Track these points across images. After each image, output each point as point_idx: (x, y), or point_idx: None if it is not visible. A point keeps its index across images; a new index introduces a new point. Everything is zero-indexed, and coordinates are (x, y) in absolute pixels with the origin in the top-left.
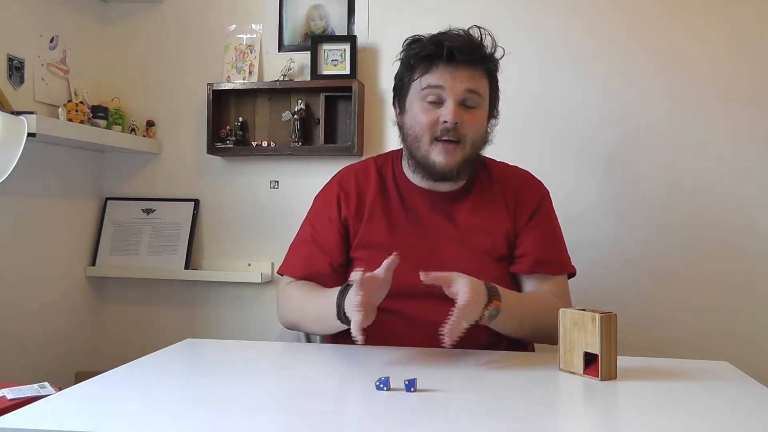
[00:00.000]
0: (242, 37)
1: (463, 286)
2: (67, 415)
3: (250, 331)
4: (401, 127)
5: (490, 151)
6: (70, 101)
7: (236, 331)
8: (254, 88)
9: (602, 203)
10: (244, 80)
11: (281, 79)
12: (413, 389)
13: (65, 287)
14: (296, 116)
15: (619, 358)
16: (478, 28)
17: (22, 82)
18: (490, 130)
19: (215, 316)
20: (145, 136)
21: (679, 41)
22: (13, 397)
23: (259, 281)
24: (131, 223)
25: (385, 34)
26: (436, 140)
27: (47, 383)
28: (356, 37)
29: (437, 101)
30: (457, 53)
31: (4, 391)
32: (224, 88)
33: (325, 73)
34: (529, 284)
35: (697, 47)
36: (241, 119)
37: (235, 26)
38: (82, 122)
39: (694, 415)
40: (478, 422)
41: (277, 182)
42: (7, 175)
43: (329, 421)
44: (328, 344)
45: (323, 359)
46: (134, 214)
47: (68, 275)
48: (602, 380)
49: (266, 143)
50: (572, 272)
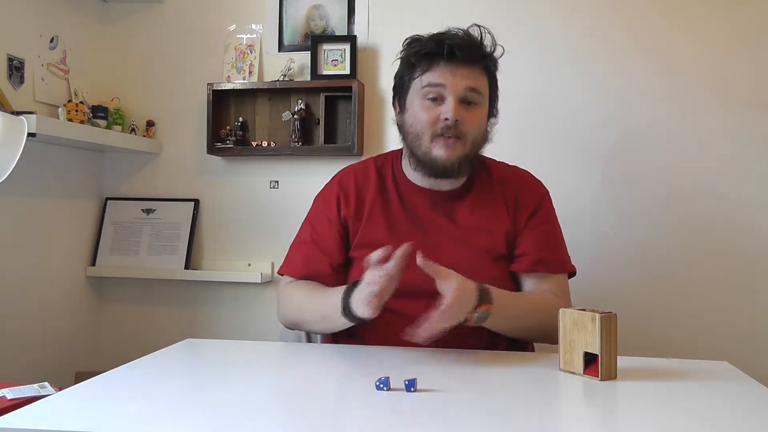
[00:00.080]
0: (242, 37)
1: (450, 287)
2: (67, 415)
3: (250, 331)
4: (401, 125)
5: (490, 150)
6: (70, 101)
7: (236, 331)
8: (254, 88)
9: (602, 203)
10: (244, 80)
11: (281, 79)
12: (413, 389)
13: (65, 287)
14: (296, 116)
15: (619, 358)
16: (477, 26)
17: (22, 82)
18: (489, 128)
19: (215, 316)
20: (145, 136)
21: (679, 41)
22: (13, 397)
23: (259, 281)
24: (131, 223)
25: (385, 34)
26: (437, 137)
27: (47, 383)
28: (356, 37)
29: (438, 99)
30: (457, 51)
31: (4, 391)
32: (224, 88)
33: (325, 73)
34: (528, 283)
35: (697, 47)
36: (241, 119)
37: (235, 26)
38: (82, 122)
39: (694, 415)
40: (478, 422)
41: (277, 182)
42: (7, 175)
43: (329, 421)
44: (328, 344)
45: (323, 359)
46: (134, 214)
47: (68, 275)
48: (602, 380)
49: (266, 143)
50: (572, 272)
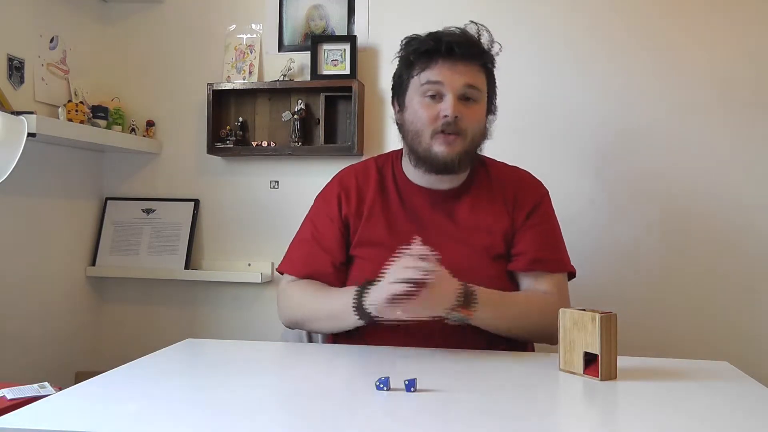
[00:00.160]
0: (242, 37)
1: (432, 283)
2: (67, 415)
3: (250, 331)
4: (401, 124)
5: (490, 149)
6: (70, 101)
7: (236, 331)
8: (254, 88)
9: (602, 203)
10: (244, 80)
11: (281, 79)
12: (413, 389)
13: (65, 287)
14: (296, 116)
15: (619, 358)
16: (475, 24)
17: (22, 82)
18: (488, 125)
19: (215, 316)
20: (145, 136)
21: (679, 41)
22: (13, 397)
23: (259, 281)
24: (131, 223)
25: (385, 34)
26: (437, 134)
27: (47, 383)
28: (356, 37)
29: (437, 96)
30: (455, 48)
31: (4, 391)
32: (224, 88)
33: (325, 73)
34: (526, 282)
35: (697, 47)
36: (241, 119)
37: (235, 26)
38: (82, 122)
39: (694, 415)
40: (478, 422)
41: (277, 182)
42: (7, 175)
43: (329, 421)
44: (328, 344)
45: (323, 359)
46: (134, 214)
47: (68, 275)
48: (602, 380)
49: (266, 143)
50: (571, 272)
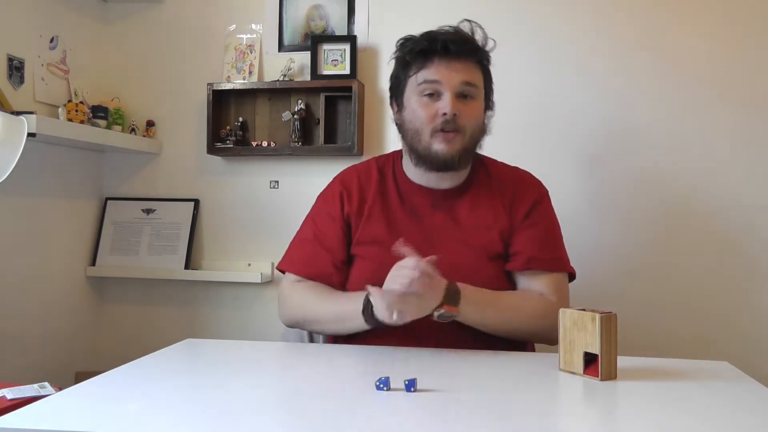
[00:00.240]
0: (242, 37)
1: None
2: (67, 415)
3: (250, 331)
4: (400, 124)
5: (490, 148)
6: (70, 101)
7: (236, 331)
8: (254, 88)
9: (601, 203)
10: (244, 80)
11: (281, 79)
12: (413, 389)
13: (65, 287)
14: (296, 116)
15: (619, 358)
16: (468, 21)
17: (22, 82)
18: (486, 121)
19: (215, 316)
20: (145, 136)
21: (679, 41)
22: (13, 397)
23: (259, 281)
24: (131, 223)
25: (385, 34)
26: (436, 132)
27: (47, 383)
28: (356, 37)
29: (435, 95)
30: (450, 46)
31: (4, 391)
32: (224, 88)
33: (325, 73)
34: (523, 282)
35: (697, 47)
36: (241, 119)
37: (235, 26)
38: (82, 122)
39: (694, 415)
40: (478, 422)
41: (277, 182)
42: (7, 175)
43: (329, 421)
44: (328, 344)
45: (323, 359)
46: (134, 214)
47: (68, 275)
48: (602, 380)
49: (266, 143)
50: (571, 272)
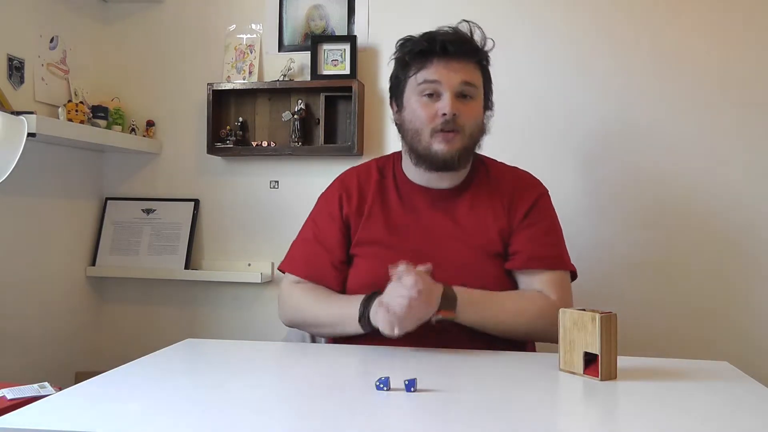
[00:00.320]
0: (242, 37)
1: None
2: (67, 415)
3: (250, 331)
4: (400, 124)
5: (489, 147)
6: (70, 101)
7: (236, 331)
8: (254, 88)
9: (601, 202)
10: (244, 80)
11: (281, 79)
12: (413, 389)
13: (65, 287)
14: (296, 116)
15: (619, 358)
16: (467, 22)
17: (22, 82)
18: (486, 121)
19: (215, 316)
20: (145, 136)
21: (679, 41)
22: (13, 397)
23: (259, 281)
24: (131, 223)
25: (385, 34)
26: (436, 132)
27: (47, 383)
28: (356, 37)
29: (434, 95)
30: (449, 46)
31: (4, 391)
32: (224, 88)
33: (325, 73)
34: (524, 281)
35: (697, 47)
36: (241, 119)
37: (235, 26)
38: (82, 122)
39: (694, 415)
40: (478, 422)
41: (277, 182)
42: (7, 175)
43: (329, 421)
44: (328, 344)
45: (323, 359)
46: (134, 214)
47: (68, 275)
48: (602, 380)
49: (266, 143)
50: (572, 271)
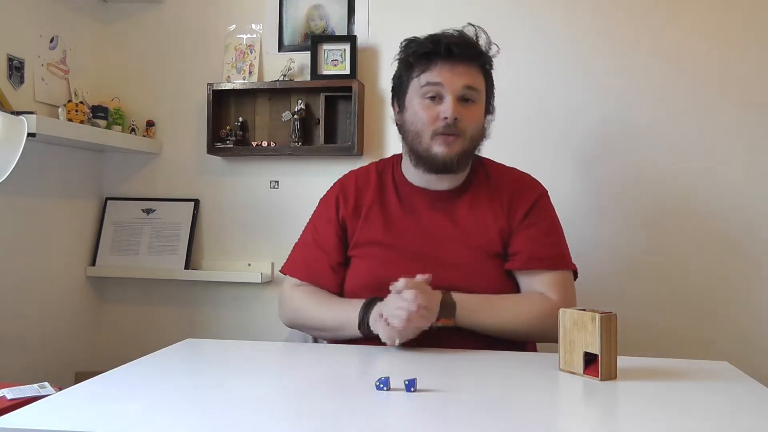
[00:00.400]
0: (242, 37)
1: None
2: (67, 415)
3: (250, 331)
4: (401, 125)
5: (490, 148)
6: (70, 101)
7: (236, 331)
8: (254, 88)
9: (601, 202)
10: (244, 80)
11: (281, 79)
12: (413, 389)
13: (65, 287)
14: (296, 116)
15: (619, 358)
16: (472, 26)
17: (22, 82)
18: (486, 125)
19: (215, 316)
20: (145, 136)
21: (679, 41)
22: (13, 397)
23: (259, 281)
24: (131, 223)
25: (385, 34)
26: (437, 135)
27: (47, 383)
28: (356, 37)
29: (436, 98)
30: (454, 49)
31: (4, 391)
32: (224, 88)
33: (325, 73)
34: (525, 281)
35: (697, 47)
36: (241, 119)
37: (235, 26)
38: (82, 122)
39: (694, 415)
40: (478, 422)
41: (277, 182)
42: (7, 175)
43: (329, 421)
44: (328, 344)
45: (323, 359)
46: (134, 214)
47: (68, 275)
48: (602, 380)
49: (266, 143)
50: (573, 270)
